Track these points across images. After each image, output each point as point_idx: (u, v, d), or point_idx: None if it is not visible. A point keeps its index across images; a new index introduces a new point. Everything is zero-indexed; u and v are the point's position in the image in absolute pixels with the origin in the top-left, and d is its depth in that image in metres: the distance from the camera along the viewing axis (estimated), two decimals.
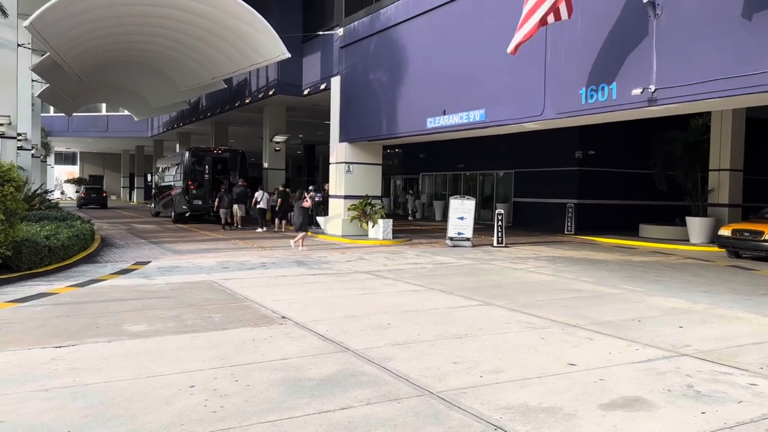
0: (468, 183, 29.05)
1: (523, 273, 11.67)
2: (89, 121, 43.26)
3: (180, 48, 19.65)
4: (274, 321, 7.09)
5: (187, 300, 8.31)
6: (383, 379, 4.98)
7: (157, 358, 5.49)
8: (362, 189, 18.99)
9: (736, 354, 5.93)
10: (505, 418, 4.19)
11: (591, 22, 11.11)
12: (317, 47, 21.31)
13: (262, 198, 20.63)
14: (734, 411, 4.40)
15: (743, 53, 8.82)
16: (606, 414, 4.31)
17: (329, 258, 13.53)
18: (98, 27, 17.25)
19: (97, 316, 7.18)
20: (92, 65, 21.19)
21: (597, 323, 7.21)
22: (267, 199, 20.71)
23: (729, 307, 8.41)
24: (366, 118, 18.11)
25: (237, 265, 11.93)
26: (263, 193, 20.82)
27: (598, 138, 21.85)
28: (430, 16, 15.53)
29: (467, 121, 14.13)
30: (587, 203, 22.32)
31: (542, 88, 12.12)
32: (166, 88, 24.62)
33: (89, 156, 59.55)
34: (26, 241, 10.17)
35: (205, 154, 24.21)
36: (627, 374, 5.22)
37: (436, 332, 6.64)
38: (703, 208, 18.82)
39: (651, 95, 10.05)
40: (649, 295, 9.33)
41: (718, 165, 19.19)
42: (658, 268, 12.78)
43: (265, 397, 4.53)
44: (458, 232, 16.78)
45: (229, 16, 16.26)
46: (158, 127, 40.20)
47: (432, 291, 9.38)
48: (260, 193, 20.83)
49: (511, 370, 5.30)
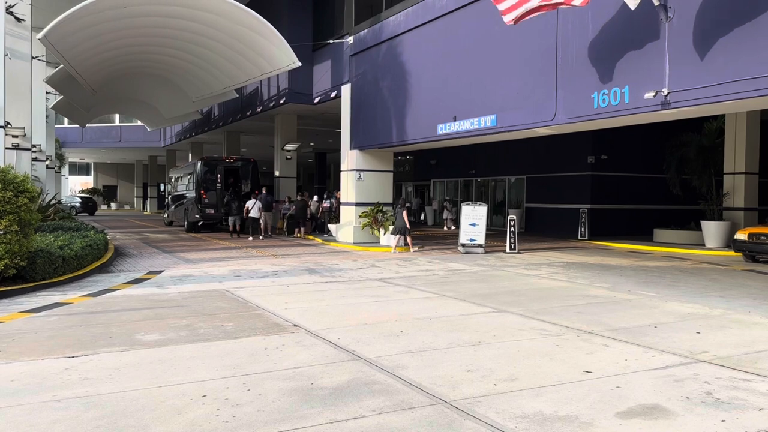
0: (480, 189, 28.96)
1: (537, 279, 11.57)
2: (103, 132, 43.69)
3: (192, 59, 19.78)
4: (286, 329, 7.07)
5: (199, 309, 8.31)
6: (396, 388, 4.93)
7: (169, 368, 5.48)
8: (373, 196, 18.99)
9: (755, 360, 5.82)
10: (520, 427, 4.12)
11: (602, 25, 11.04)
12: (327, 56, 21.38)
13: (254, 206, 20.62)
14: (755, 418, 4.30)
15: (757, 55, 8.71)
16: (623, 422, 4.23)
17: (341, 265, 13.51)
18: (111, 39, 17.40)
19: (110, 326, 7.19)
20: (105, 77, 21.38)
21: (612, 329, 7.11)
22: (259, 208, 20.71)
23: (747, 312, 8.27)
24: (376, 125, 18.11)
25: (249, 274, 11.94)
26: (255, 201, 20.79)
27: (611, 142, 21.71)
28: (438, 23, 15.52)
29: (478, 127, 14.08)
30: (601, 208, 22.15)
31: (554, 92, 12.06)
32: (179, 99, 24.79)
33: (103, 166, 60.09)
34: (40, 252, 10.25)
35: (218, 163, 24.33)
36: (644, 381, 5.13)
37: (449, 340, 6.58)
38: (718, 212, 18.61)
39: (664, 98, 9.95)
40: (665, 300, 9.20)
41: (733, 168, 18.98)
42: (673, 273, 12.63)
43: (277, 406, 4.50)
44: (470, 239, 16.70)
45: (240, 26, 16.34)
46: (171, 137, 40.48)
47: (444, 298, 9.32)
48: (252, 202, 20.80)
49: (526, 378, 5.23)
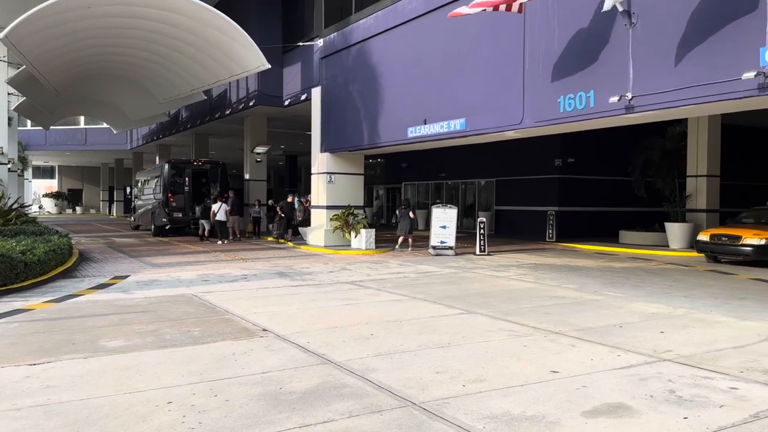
0: (450, 192, 29.13)
1: (506, 281, 11.68)
2: (67, 134, 42.73)
3: (159, 60, 19.48)
4: (254, 334, 7.00)
5: (165, 314, 8.18)
6: (365, 391, 4.92)
7: (134, 374, 5.38)
8: (344, 199, 18.94)
9: (716, 358, 5.96)
10: (488, 427, 4.15)
11: (568, 30, 11.21)
12: (297, 58, 21.27)
13: (219, 209, 20.43)
14: (716, 416, 4.41)
15: (717, 60, 8.94)
16: (589, 421, 4.29)
17: (312, 269, 13.44)
18: (75, 39, 17.03)
19: (74, 332, 7.03)
20: (70, 78, 20.92)
21: (579, 330, 7.21)
22: (226, 211, 20.53)
23: (709, 311, 8.48)
24: (347, 128, 18.09)
25: (217, 278, 11.80)
26: (221, 204, 20.61)
27: (578, 146, 22.05)
28: (408, 26, 15.57)
29: (448, 130, 14.17)
30: (568, 210, 22.49)
31: (521, 96, 12.20)
32: (145, 101, 24.38)
33: (68, 170, 58.77)
34: (1, 257, 9.97)
35: (185, 166, 24.01)
36: (609, 380, 5.22)
37: (419, 342, 6.60)
38: (681, 214, 19.05)
39: (628, 103, 10.14)
40: (630, 300, 9.37)
41: (695, 171, 19.45)
42: (638, 273, 12.87)
43: (244, 411, 4.45)
44: (441, 241, 16.78)
45: (208, 27, 16.15)
46: (137, 140, 39.80)
47: (415, 300, 9.34)
48: (218, 205, 20.63)
49: (494, 378, 5.27)
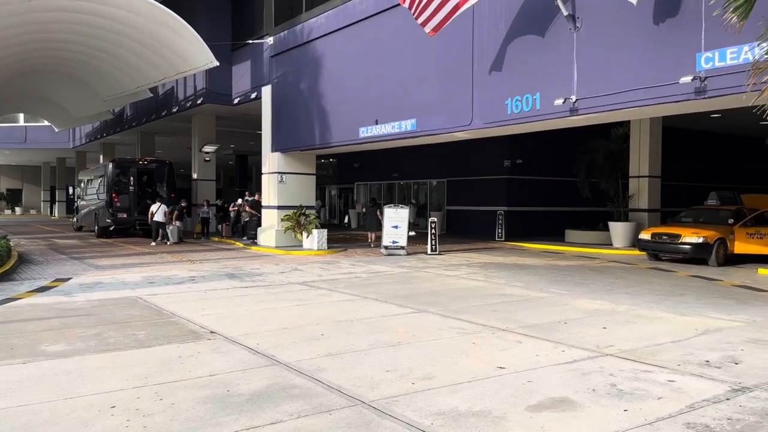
0: (402, 192, 29.28)
1: (456, 280, 11.83)
2: (5, 132, 40.94)
3: (102, 56, 18.92)
4: (202, 336, 6.88)
5: (109, 317, 7.95)
6: (315, 391, 4.90)
7: (75, 379, 5.22)
8: (296, 199, 18.79)
9: (656, 352, 6.19)
10: (436, 424, 4.20)
11: (515, 33, 11.44)
12: (247, 56, 20.99)
13: (158, 210, 20.06)
14: (654, 407, 4.58)
15: (656, 65, 9.28)
16: (534, 415, 4.39)
17: (262, 270, 13.30)
18: (14, 34, 16.37)
19: (12, 337, 6.77)
20: (9, 74, 20.10)
21: (526, 326, 7.37)
22: (164, 212, 20.16)
23: (650, 307, 8.78)
24: (298, 127, 17.96)
25: (164, 280, 11.54)
26: (159, 205, 20.24)
27: (526, 147, 22.50)
28: (359, 26, 15.58)
29: (399, 131, 14.25)
30: (516, 210, 22.92)
31: (470, 98, 12.37)
32: (89, 98, 23.63)
33: (6, 169, 56.34)
34: None
35: (130, 165, 23.40)
36: (554, 375, 5.35)
37: (370, 341, 6.61)
38: (624, 214, 19.65)
39: (572, 105, 10.42)
40: (575, 297, 9.63)
41: (637, 172, 20.11)
42: (582, 271, 13.23)
43: (191, 415, 4.37)
44: (393, 241, 16.85)
45: (153, 23, 15.78)
46: (80, 138, 38.50)
47: (366, 300, 9.36)
48: (156, 206, 20.26)
49: (443, 375, 5.34)
